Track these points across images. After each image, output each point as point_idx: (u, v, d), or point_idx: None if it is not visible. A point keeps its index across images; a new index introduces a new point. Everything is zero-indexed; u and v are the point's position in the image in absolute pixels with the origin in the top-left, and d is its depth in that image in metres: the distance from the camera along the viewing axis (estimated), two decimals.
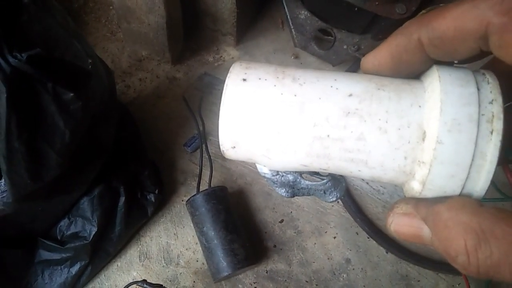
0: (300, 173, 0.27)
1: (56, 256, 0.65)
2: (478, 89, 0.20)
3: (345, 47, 0.83)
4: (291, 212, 0.77)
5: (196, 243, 0.73)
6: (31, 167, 0.46)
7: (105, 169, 0.63)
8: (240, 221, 0.70)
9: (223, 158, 0.80)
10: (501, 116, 0.20)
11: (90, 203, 0.63)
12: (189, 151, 0.80)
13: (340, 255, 0.73)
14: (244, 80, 0.25)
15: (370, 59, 0.25)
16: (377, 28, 0.80)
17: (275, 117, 0.24)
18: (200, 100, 0.76)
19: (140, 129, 0.76)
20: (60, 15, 0.47)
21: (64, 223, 0.65)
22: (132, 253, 0.73)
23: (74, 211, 0.64)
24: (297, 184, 0.27)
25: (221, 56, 0.89)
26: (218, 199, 0.68)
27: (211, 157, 0.76)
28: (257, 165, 0.27)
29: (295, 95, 0.24)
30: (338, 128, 0.23)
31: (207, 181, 0.74)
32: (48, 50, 0.42)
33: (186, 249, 0.73)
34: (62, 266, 0.66)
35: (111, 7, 0.92)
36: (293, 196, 0.27)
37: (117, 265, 0.72)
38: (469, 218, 0.19)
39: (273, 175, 0.28)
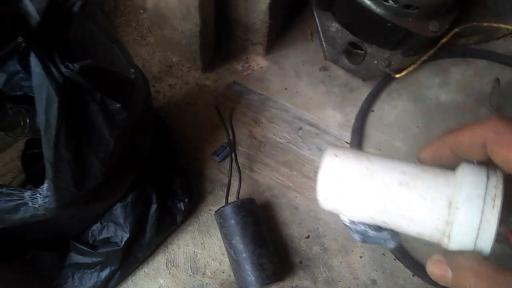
0: (369, 225, 0.37)
1: (87, 260, 0.65)
2: (488, 178, 0.31)
3: (375, 62, 0.83)
4: (318, 228, 0.77)
5: (223, 254, 0.73)
6: (76, 174, 0.47)
7: (139, 176, 0.63)
8: (268, 234, 0.70)
9: (251, 169, 0.81)
10: (501, 196, 0.29)
11: (123, 209, 0.64)
12: (217, 160, 0.80)
13: (366, 276, 0.73)
14: (336, 155, 0.37)
15: (421, 155, 0.37)
16: (409, 44, 0.80)
17: (353, 181, 0.35)
18: (232, 110, 0.76)
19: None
20: (104, 23, 0.48)
21: (96, 227, 0.66)
22: (160, 260, 0.73)
23: (107, 216, 0.65)
24: (366, 233, 0.37)
25: (250, 65, 0.90)
26: (247, 212, 0.69)
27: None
28: (340, 215, 0.38)
29: (367, 168, 0.35)
30: (394, 193, 0.33)
31: (235, 192, 0.74)
32: (97, 60, 0.43)
33: (213, 260, 0.73)
34: (92, 270, 0.66)
35: (141, 11, 0.93)
36: (363, 242, 0.38)
37: (145, 271, 0.72)
38: (475, 267, 0.29)
39: (350, 223, 0.37)
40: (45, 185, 0.50)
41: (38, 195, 0.50)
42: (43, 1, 0.38)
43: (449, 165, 0.35)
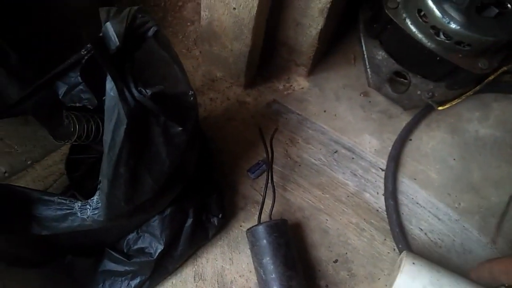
0: None
1: (120, 268, 0.66)
2: None
3: (418, 92, 0.83)
4: (347, 253, 0.77)
5: (250, 271, 0.74)
6: (129, 191, 0.48)
7: (180, 190, 0.64)
8: (298, 257, 0.70)
9: (284, 188, 0.81)
10: None
11: (161, 222, 0.64)
12: (252, 177, 0.81)
13: None
14: (414, 263, 0.49)
15: (471, 275, 0.47)
16: (454, 78, 0.80)
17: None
18: (274, 131, 0.76)
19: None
20: (171, 47, 0.49)
21: (132, 236, 0.66)
22: (188, 272, 0.73)
23: (144, 227, 0.66)
24: None
25: (291, 85, 0.90)
26: (280, 233, 0.69)
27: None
28: None
29: (438, 280, 0.49)
30: None
31: (267, 211, 0.74)
32: (166, 86, 0.43)
33: (240, 276, 0.74)
34: (123, 278, 0.67)
35: (188, 24, 0.94)
36: None
37: (172, 282, 0.73)
38: None
39: None
40: (95, 198, 0.51)
41: (88, 206, 0.51)
42: (122, 26, 0.39)
43: (492, 285, 0.46)
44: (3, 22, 0.60)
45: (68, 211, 0.52)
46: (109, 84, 0.38)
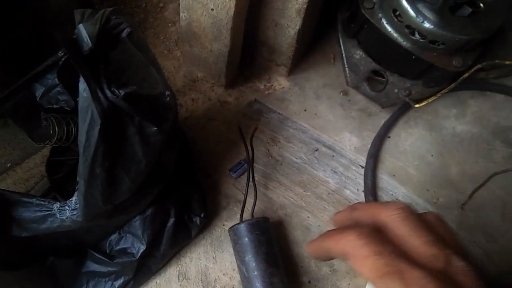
0: None
1: (103, 269, 0.66)
2: None
3: (396, 90, 0.85)
4: None
5: (233, 270, 0.74)
6: (106, 191, 0.48)
7: (160, 190, 0.64)
8: (280, 254, 0.71)
9: (265, 186, 0.82)
10: None
11: (142, 222, 0.65)
12: (234, 177, 0.82)
13: None
14: None
15: (307, 249, 0.42)
16: (430, 76, 0.82)
17: None
18: (254, 130, 0.77)
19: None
20: (147, 48, 0.50)
21: (114, 237, 0.67)
22: (172, 272, 0.74)
23: (125, 227, 0.66)
24: None
25: (272, 85, 0.91)
26: (261, 230, 0.70)
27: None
28: None
29: None
30: None
31: (249, 209, 0.75)
32: (139, 87, 0.44)
33: (223, 274, 0.75)
34: (106, 279, 0.67)
35: (170, 25, 0.95)
36: None
37: (156, 282, 0.73)
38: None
39: None
40: (73, 199, 0.51)
41: (67, 207, 0.52)
42: (95, 27, 0.40)
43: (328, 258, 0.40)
44: None
45: (47, 213, 0.52)
46: (82, 85, 0.39)
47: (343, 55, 0.85)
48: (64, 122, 0.62)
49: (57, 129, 0.61)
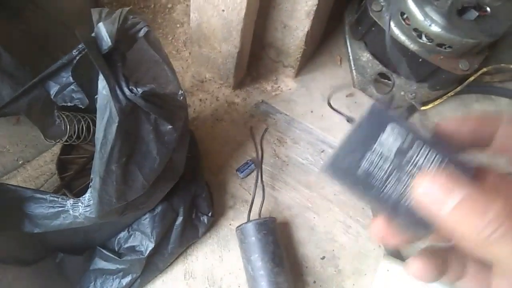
0: None
1: (111, 266, 0.67)
2: None
3: (402, 93, 0.85)
4: (333, 250, 0.78)
5: (239, 269, 0.75)
6: (120, 188, 0.49)
7: (170, 189, 0.65)
8: (286, 254, 0.72)
9: (272, 187, 0.83)
10: None
11: (151, 220, 0.66)
12: (241, 177, 0.82)
13: None
14: (388, 270, 0.44)
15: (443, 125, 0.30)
16: (436, 79, 0.83)
17: None
18: (264, 131, 0.78)
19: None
20: (161, 48, 0.51)
21: (123, 235, 0.68)
22: (178, 270, 0.75)
23: (134, 225, 0.67)
24: None
25: (279, 86, 0.92)
26: (268, 230, 0.70)
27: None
28: None
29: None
30: None
31: (256, 209, 0.76)
32: (156, 85, 0.45)
33: (229, 273, 0.75)
34: (114, 276, 0.68)
35: (178, 25, 0.96)
36: None
37: (163, 280, 0.74)
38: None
39: None
40: (87, 195, 0.52)
41: (80, 204, 0.52)
42: (114, 27, 0.40)
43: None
44: None
45: (60, 209, 0.53)
46: (101, 83, 0.39)
47: (350, 57, 0.86)
48: (75, 120, 0.63)
49: (68, 127, 0.62)
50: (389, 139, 0.27)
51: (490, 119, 0.28)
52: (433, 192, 0.23)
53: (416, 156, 0.26)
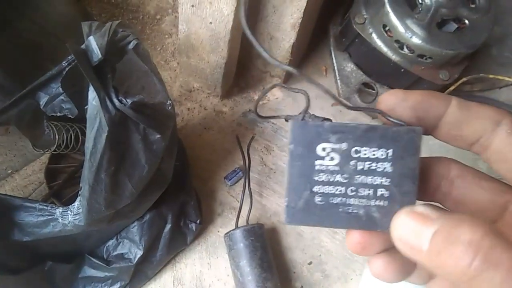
0: None
1: (100, 274, 0.68)
2: None
3: None
4: (320, 255, 0.80)
5: (228, 275, 0.76)
6: (109, 196, 0.50)
7: (159, 196, 0.66)
8: (274, 259, 0.73)
9: (260, 194, 0.84)
10: None
11: (140, 227, 0.67)
12: (229, 184, 0.83)
13: None
14: None
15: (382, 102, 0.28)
16: (418, 89, 0.84)
17: None
18: (251, 139, 0.80)
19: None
20: (150, 59, 0.52)
21: (112, 243, 0.68)
22: (167, 277, 0.75)
23: (123, 233, 0.68)
24: None
25: (266, 96, 0.94)
26: (256, 236, 0.72)
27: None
28: None
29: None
30: None
31: (244, 216, 0.77)
32: (145, 96, 0.46)
33: (218, 280, 0.76)
34: (103, 284, 0.68)
35: (166, 36, 0.97)
36: None
37: (151, 287, 0.74)
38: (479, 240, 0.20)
39: None
40: (76, 203, 0.53)
41: (69, 212, 0.53)
42: (104, 40, 0.42)
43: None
44: None
45: (50, 217, 0.53)
46: (92, 94, 0.41)
47: (335, 67, 0.88)
48: (63, 130, 0.63)
49: (57, 136, 0.63)
50: (326, 151, 0.25)
51: (436, 98, 0.27)
52: (409, 232, 0.22)
53: (362, 157, 0.25)
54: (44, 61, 0.62)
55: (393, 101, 0.27)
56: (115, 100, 0.42)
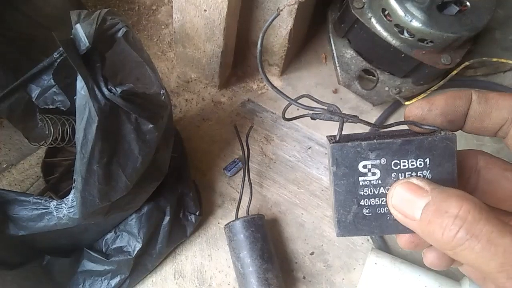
0: None
1: (99, 267, 0.67)
2: None
3: (386, 88, 0.86)
4: (322, 245, 0.79)
5: (229, 267, 0.75)
6: (103, 188, 0.49)
7: (156, 188, 0.65)
8: (275, 250, 0.72)
9: (260, 184, 0.83)
10: None
11: (138, 220, 0.66)
12: (228, 175, 0.83)
13: None
14: (375, 263, 0.51)
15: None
16: (420, 74, 0.83)
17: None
18: (250, 129, 0.79)
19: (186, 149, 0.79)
20: (141, 48, 0.51)
21: (110, 236, 0.68)
22: (167, 270, 0.75)
23: (121, 226, 0.67)
24: None
25: (265, 85, 0.93)
26: (256, 227, 0.71)
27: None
28: None
29: (399, 278, 0.49)
30: None
31: (244, 207, 0.76)
32: (136, 85, 0.45)
33: (219, 272, 0.75)
34: (103, 278, 0.68)
35: (163, 27, 0.96)
36: None
37: (152, 280, 0.74)
38: (465, 214, 0.23)
39: None
40: (70, 196, 0.52)
41: (63, 205, 0.52)
42: (92, 27, 0.40)
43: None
44: None
45: (44, 211, 0.53)
46: (80, 83, 0.40)
47: (334, 54, 0.86)
48: (59, 123, 0.63)
49: (52, 130, 0.62)
50: (367, 168, 0.28)
51: (459, 98, 0.29)
52: (404, 201, 0.25)
53: (402, 169, 0.27)
54: (36, 54, 0.61)
55: (420, 112, 0.29)
56: (104, 89, 0.41)
